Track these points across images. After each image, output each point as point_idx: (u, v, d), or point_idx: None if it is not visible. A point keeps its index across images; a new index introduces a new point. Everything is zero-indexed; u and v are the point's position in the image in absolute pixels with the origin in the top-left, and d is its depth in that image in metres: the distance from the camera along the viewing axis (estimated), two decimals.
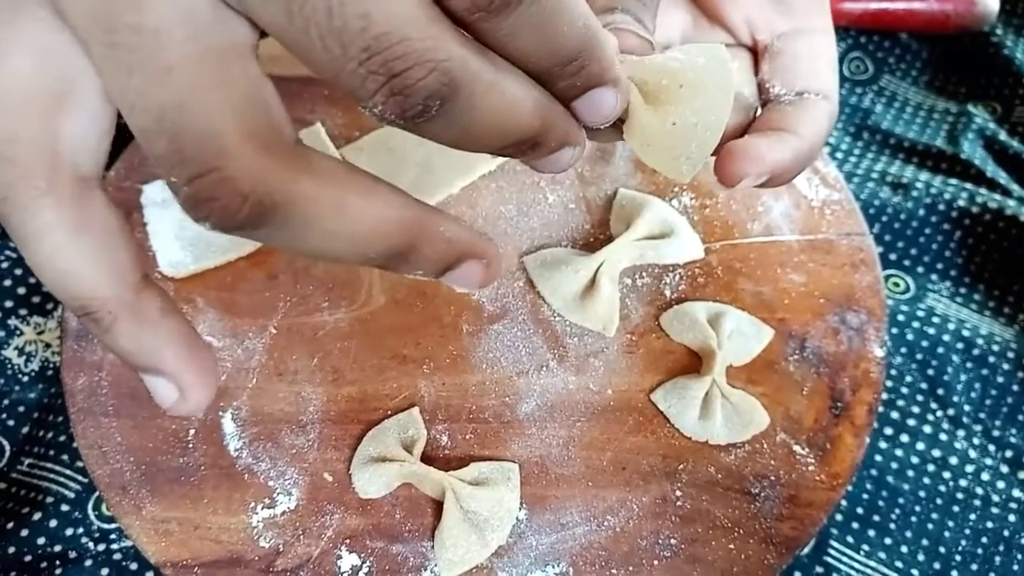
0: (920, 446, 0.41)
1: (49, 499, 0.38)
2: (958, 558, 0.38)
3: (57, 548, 0.37)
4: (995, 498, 0.40)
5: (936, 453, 0.41)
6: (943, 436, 0.41)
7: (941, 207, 0.48)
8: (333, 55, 0.17)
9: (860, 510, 0.39)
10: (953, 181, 0.49)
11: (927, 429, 0.41)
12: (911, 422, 0.42)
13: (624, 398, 0.40)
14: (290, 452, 0.37)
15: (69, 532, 0.37)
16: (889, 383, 0.42)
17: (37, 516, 0.37)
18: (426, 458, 0.37)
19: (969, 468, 0.40)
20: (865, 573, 0.38)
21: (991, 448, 0.41)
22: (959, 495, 0.40)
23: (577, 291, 0.41)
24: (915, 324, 0.44)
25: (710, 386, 0.39)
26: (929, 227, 0.47)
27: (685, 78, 0.22)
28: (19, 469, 0.39)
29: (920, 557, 0.38)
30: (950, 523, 0.39)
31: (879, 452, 0.41)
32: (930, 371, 0.43)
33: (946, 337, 0.44)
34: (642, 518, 0.37)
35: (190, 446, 0.37)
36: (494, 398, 0.39)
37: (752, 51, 0.35)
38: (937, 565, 0.38)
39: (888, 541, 0.39)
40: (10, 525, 0.37)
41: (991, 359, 0.43)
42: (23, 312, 0.41)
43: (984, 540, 0.39)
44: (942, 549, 0.39)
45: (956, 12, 0.53)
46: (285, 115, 0.19)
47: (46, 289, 0.42)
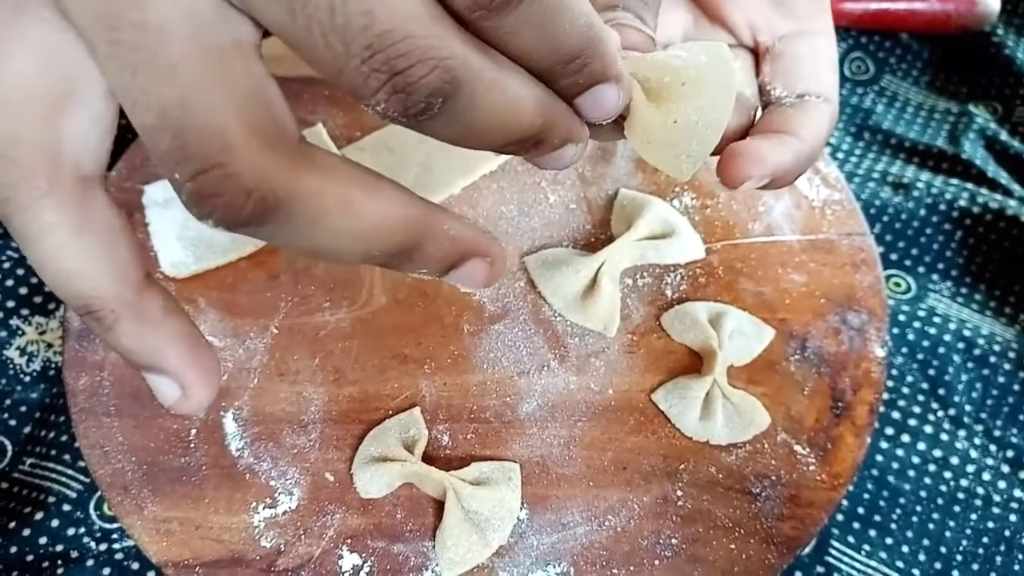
0: (921, 446, 0.41)
1: (51, 499, 0.38)
2: (959, 558, 0.38)
3: (59, 548, 0.37)
4: (996, 498, 0.40)
5: (937, 453, 0.41)
6: (944, 436, 0.41)
7: (942, 207, 0.48)
8: (336, 53, 0.17)
9: (861, 510, 0.39)
10: (954, 181, 0.49)
11: (928, 429, 0.41)
12: (912, 422, 0.42)
13: (625, 398, 0.40)
14: (291, 452, 0.37)
15: (71, 532, 0.37)
16: (890, 383, 0.42)
17: (39, 516, 0.37)
18: (427, 458, 0.37)
19: (970, 468, 0.40)
20: (866, 573, 0.38)
21: (992, 448, 0.41)
22: (960, 495, 0.40)
23: (578, 291, 0.41)
24: (916, 324, 0.44)
25: (711, 386, 0.39)
26: (930, 227, 0.47)
27: (687, 76, 0.22)
28: (21, 469, 0.39)
29: (921, 557, 0.38)
30: (951, 523, 0.39)
31: (880, 452, 0.41)
32: (931, 371, 0.43)
33: (947, 337, 0.44)
34: (643, 518, 0.37)
35: (192, 446, 0.37)
36: (495, 398, 0.39)
37: (753, 52, 0.35)
38: (938, 565, 0.38)
39: (889, 541, 0.39)
40: (12, 525, 0.37)
41: (992, 359, 0.43)
42: (25, 312, 0.41)
43: (985, 540, 0.39)
44: (943, 549, 0.39)
45: (957, 12, 0.53)
46: (288, 112, 0.19)
47: (48, 289, 0.42)
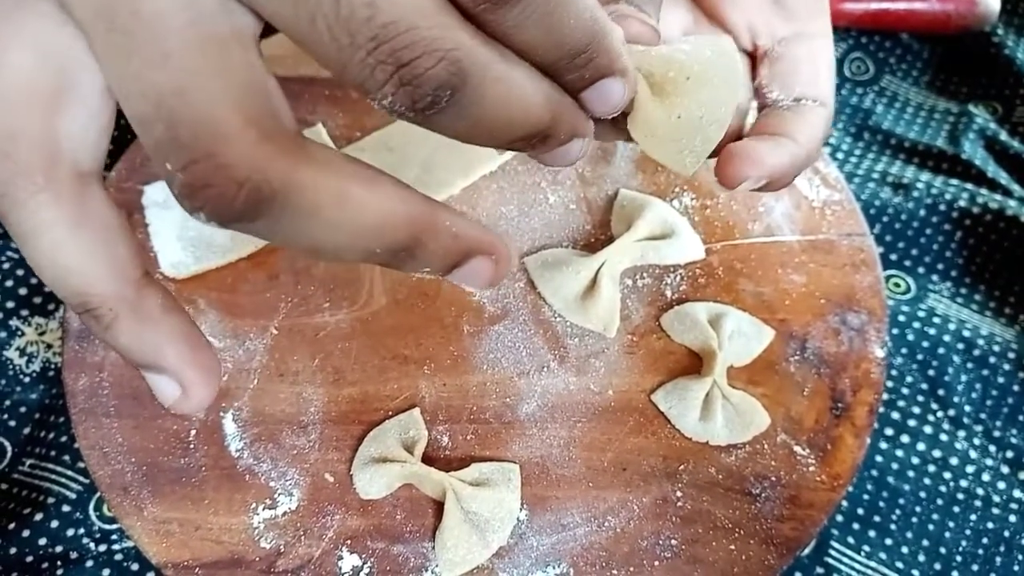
0: (921, 447, 0.41)
1: (50, 500, 0.38)
2: (959, 559, 0.38)
3: (58, 549, 0.37)
4: (996, 499, 0.40)
5: (937, 454, 0.41)
6: (944, 437, 0.41)
7: (942, 207, 0.48)
8: (340, 45, 0.17)
9: (861, 511, 0.39)
10: (954, 181, 0.49)
11: (928, 430, 0.41)
12: (912, 423, 0.42)
13: (625, 399, 0.40)
14: (291, 453, 0.37)
15: (70, 533, 0.37)
16: (890, 384, 0.42)
17: (38, 517, 0.37)
18: (427, 459, 0.37)
19: (970, 469, 0.40)
20: (866, 574, 0.38)
21: (992, 449, 0.41)
22: (960, 496, 0.40)
23: (578, 292, 0.41)
24: (916, 325, 0.44)
25: (711, 387, 0.39)
26: (930, 228, 0.47)
27: (692, 70, 0.22)
28: (20, 470, 0.39)
29: (921, 558, 0.38)
30: (951, 524, 0.39)
31: (880, 453, 0.41)
32: (931, 372, 0.43)
33: (947, 338, 0.44)
34: (643, 519, 0.37)
35: (191, 447, 0.37)
36: (495, 399, 0.39)
37: (749, 56, 0.35)
38: (938, 566, 0.38)
39: (889, 542, 0.39)
40: (11, 526, 0.37)
41: (992, 360, 0.43)
42: (24, 313, 0.41)
43: (985, 541, 0.39)
44: (943, 550, 0.39)
45: (957, 12, 0.53)
46: (286, 105, 0.19)
47: (47, 290, 0.42)
